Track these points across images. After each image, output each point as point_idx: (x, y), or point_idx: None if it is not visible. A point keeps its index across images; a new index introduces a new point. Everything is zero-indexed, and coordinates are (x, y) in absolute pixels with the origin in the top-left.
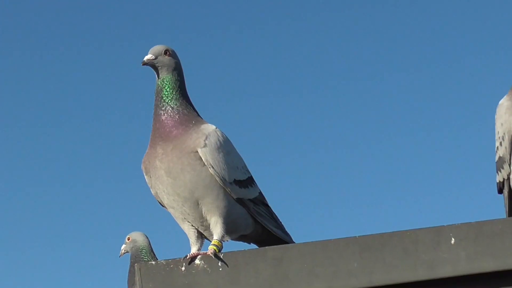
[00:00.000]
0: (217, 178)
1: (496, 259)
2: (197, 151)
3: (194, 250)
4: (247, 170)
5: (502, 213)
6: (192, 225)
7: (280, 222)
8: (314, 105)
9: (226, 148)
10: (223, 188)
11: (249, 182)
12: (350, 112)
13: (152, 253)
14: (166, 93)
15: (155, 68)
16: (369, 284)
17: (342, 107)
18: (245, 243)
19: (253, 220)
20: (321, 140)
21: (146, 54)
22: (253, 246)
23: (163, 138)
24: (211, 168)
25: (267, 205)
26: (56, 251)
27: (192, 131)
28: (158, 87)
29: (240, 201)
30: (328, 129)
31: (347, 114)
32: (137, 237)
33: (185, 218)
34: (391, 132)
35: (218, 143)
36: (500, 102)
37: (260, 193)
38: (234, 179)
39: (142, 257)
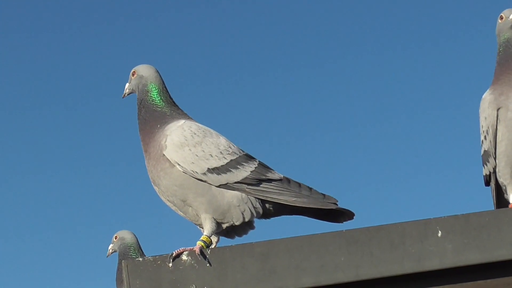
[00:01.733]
0: (188, 174)
1: (482, 251)
2: (162, 154)
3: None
4: (230, 153)
5: (489, 205)
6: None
7: (307, 188)
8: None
9: (193, 140)
10: (200, 182)
11: (231, 165)
12: (338, 105)
13: (140, 251)
14: (145, 102)
15: (133, 93)
16: (356, 278)
17: (329, 98)
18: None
19: (257, 201)
20: (308, 130)
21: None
22: (243, 240)
23: (144, 148)
24: (178, 165)
25: (272, 179)
26: (43, 251)
27: (157, 136)
28: (138, 100)
29: (227, 187)
30: (315, 120)
31: (334, 107)
32: (125, 235)
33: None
34: (377, 125)
35: (182, 138)
36: (483, 96)
37: (256, 170)
38: (208, 168)
39: (130, 255)
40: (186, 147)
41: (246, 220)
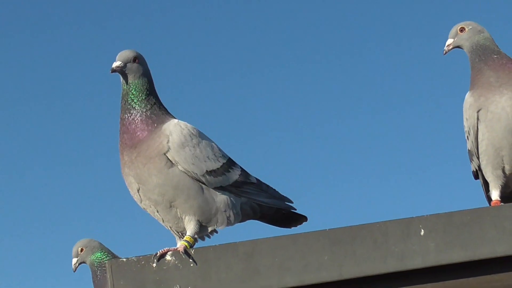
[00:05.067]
0: (188, 175)
1: (465, 249)
2: (162, 154)
3: (178, 244)
4: (221, 156)
5: (472, 202)
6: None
7: (273, 191)
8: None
9: (192, 141)
10: (196, 185)
11: (224, 168)
12: (320, 105)
13: (113, 254)
14: (132, 96)
15: (124, 75)
16: (340, 277)
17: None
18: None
19: (242, 203)
20: (288, 131)
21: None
22: (227, 240)
23: (128, 144)
24: (179, 166)
25: (252, 183)
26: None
27: (154, 135)
28: (124, 91)
29: (220, 188)
30: (295, 122)
31: (315, 107)
32: (90, 243)
33: (162, 222)
34: (360, 123)
35: (183, 138)
36: (466, 96)
37: (242, 174)
38: (206, 171)
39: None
40: (186, 147)
41: (229, 225)
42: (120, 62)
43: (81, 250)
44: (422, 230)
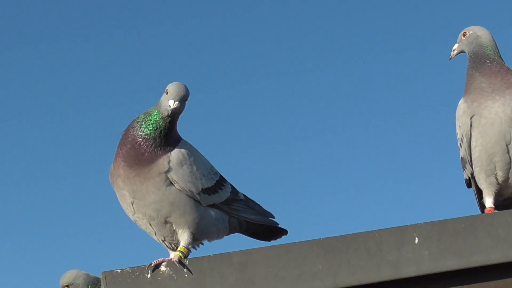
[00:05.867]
0: (184, 192)
1: (459, 257)
2: (163, 173)
3: (171, 255)
4: (215, 173)
5: (465, 210)
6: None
7: (259, 207)
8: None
9: (189, 160)
10: (191, 200)
11: (218, 186)
12: (315, 111)
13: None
14: (158, 126)
15: (173, 115)
16: (334, 286)
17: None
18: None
19: (230, 218)
20: (285, 138)
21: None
22: (224, 247)
23: (127, 161)
24: (177, 184)
25: (241, 199)
26: None
27: (159, 159)
28: (155, 116)
29: (212, 206)
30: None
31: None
32: (76, 280)
33: (153, 235)
34: (352, 130)
35: (181, 157)
36: (459, 103)
37: (232, 192)
38: (202, 189)
39: None
40: (184, 165)
41: (218, 238)
42: (178, 104)
43: (68, 286)
44: (416, 238)
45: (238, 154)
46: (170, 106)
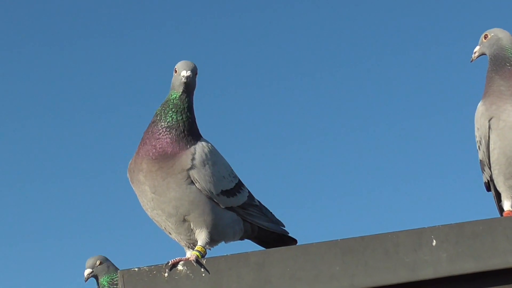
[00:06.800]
0: (204, 192)
1: (477, 260)
2: (186, 170)
3: (188, 254)
4: (234, 176)
5: (484, 213)
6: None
7: (271, 214)
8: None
9: (211, 159)
10: (210, 201)
11: (236, 189)
12: (330, 112)
13: None
14: (180, 110)
15: (187, 86)
16: (351, 287)
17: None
18: (230, 246)
19: (244, 222)
20: (301, 140)
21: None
22: (238, 250)
23: (150, 155)
24: (197, 183)
25: (256, 205)
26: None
27: (182, 154)
28: (173, 98)
29: (229, 208)
30: (308, 129)
31: (327, 115)
32: (108, 261)
33: (169, 233)
34: (371, 132)
35: (204, 156)
36: (478, 105)
37: (249, 196)
38: (221, 190)
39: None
40: (206, 165)
41: (234, 240)
42: (190, 73)
43: (100, 263)
44: (434, 241)
45: (246, 159)
46: (183, 76)
